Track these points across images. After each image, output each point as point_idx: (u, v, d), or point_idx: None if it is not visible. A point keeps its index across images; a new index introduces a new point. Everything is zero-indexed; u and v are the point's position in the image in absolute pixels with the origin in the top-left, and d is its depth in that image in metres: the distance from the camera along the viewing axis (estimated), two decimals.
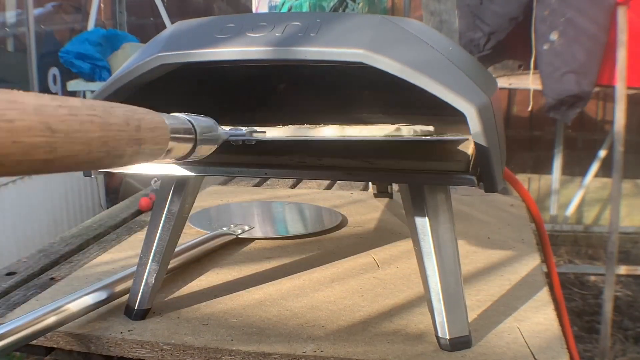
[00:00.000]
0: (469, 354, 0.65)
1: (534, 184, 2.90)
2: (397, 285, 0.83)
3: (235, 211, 1.20)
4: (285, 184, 1.44)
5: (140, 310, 0.73)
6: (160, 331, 0.70)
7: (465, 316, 0.66)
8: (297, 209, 1.21)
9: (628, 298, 2.35)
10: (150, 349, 0.68)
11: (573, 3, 2.01)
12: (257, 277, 0.86)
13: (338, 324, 0.72)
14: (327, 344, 0.67)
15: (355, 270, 0.88)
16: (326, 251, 0.96)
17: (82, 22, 3.24)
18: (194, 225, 1.06)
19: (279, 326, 0.71)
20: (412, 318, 0.73)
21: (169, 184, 0.72)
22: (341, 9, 2.60)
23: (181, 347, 0.67)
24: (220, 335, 0.69)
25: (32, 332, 0.66)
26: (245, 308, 0.76)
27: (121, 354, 0.69)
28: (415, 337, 0.68)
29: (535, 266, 0.90)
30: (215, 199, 1.26)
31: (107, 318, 0.73)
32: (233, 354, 0.66)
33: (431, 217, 0.63)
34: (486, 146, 0.57)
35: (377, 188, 1.27)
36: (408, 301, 0.78)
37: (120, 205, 1.29)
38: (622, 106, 2.00)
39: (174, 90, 0.81)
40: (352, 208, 1.20)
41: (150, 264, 0.73)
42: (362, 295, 0.80)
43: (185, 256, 0.88)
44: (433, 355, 0.65)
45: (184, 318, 0.73)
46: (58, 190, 2.43)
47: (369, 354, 0.65)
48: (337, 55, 0.59)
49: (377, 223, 1.11)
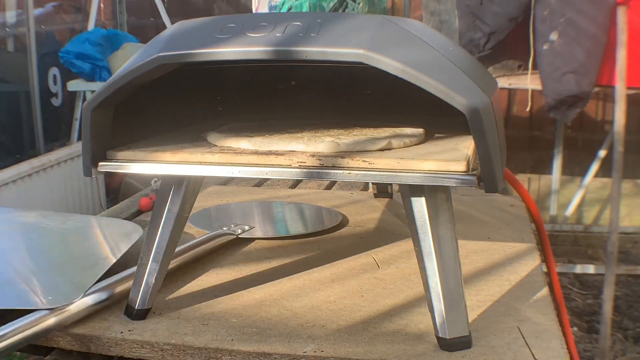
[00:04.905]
0: (469, 354, 0.65)
1: (534, 184, 2.90)
2: (397, 285, 0.83)
3: (235, 211, 1.20)
4: (285, 184, 1.44)
5: (141, 310, 0.73)
6: (160, 331, 0.70)
7: (465, 316, 0.66)
8: (297, 208, 1.21)
9: (628, 298, 2.35)
10: (150, 349, 0.68)
11: (573, 3, 2.01)
12: (257, 277, 0.86)
13: (338, 324, 0.72)
14: (327, 344, 0.67)
15: (355, 270, 0.88)
16: (326, 251, 0.96)
17: (82, 22, 3.24)
18: (194, 225, 1.06)
19: (279, 326, 0.71)
20: (412, 318, 0.73)
21: (169, 184, 0.72)
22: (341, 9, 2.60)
23: (181, 347, 0.67)
24: (220, 335, 0.69)
25: (33, 334, 0.66)
26: (245, 308, 0.76)
27: (121, 354, 0.69)
28: (415, 337, 0.68)
29: (535, 266, 0.90)
30: (215, 199, 1.26)
31: (107, 318, 0.73)
32: (233, 354, 0.66)
33: (431, 217, 0.64)
34: (486, 146, 0.57)
35: (377, 188, 1.27)
36: (408, 301, 0.78)
37: (120, 205, 1.29)
38: (622, 106, 2.00)
39: (174, 90, 0.81)
40: (352, 208, 1.20)
41: (150, 264, 0.73)
42: (362, 295, 0.80)
43: (185, 256, 0.88)
44: (433, 355, 0.65)
45: (184, 318, 0.73)
46: (58, 190, 2.43)
47: (369, 354, 0.65)
48: (338, 55, 0.59)
49: (377, 223, 1.11)
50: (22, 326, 0.66)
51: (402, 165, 0.62)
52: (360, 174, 0.62)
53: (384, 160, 0.63)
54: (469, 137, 0.72)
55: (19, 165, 2.27)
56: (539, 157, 2.93)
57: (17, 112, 2.85)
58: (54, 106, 2.98)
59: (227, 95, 0.96)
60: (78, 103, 2.90)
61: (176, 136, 0.76)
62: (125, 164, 0.67)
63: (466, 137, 0.73)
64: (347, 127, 0.79)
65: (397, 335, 0.69)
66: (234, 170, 0.65)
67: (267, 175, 0.65)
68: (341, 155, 0.64)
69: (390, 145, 0.69)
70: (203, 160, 0.66)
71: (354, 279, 0.85)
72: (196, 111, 0.90)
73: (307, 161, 0.64)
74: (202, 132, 0.77)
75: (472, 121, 0.56)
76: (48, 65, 2.89)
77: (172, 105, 0.83)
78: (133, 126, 0.74)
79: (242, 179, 1.45)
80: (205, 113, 0.93)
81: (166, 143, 0.72)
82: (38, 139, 2.81)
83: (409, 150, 0.69)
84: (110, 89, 0.64)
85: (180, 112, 0.85)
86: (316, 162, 0.64)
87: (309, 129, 0.77)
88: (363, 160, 0.63)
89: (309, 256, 0.94)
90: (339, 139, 0.69)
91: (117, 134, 0.69)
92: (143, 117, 0.76)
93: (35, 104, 2.79)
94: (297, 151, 0.66)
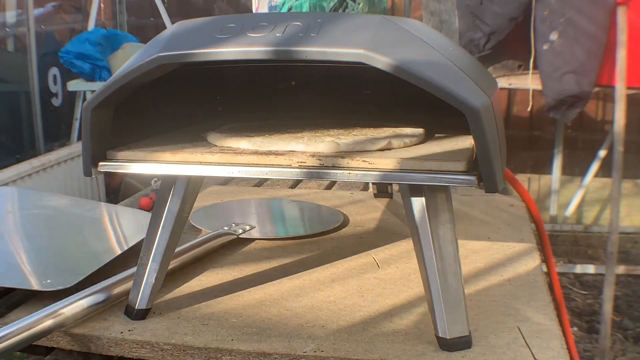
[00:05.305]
0: (469, 354, 0.65)
1: (534, 184, 2.90)
2: (397, 285, 0.83)
3: (235, 210, 1.20)
4: (285, 184, 1.44)
5: (141, 310, 0.73)
6: (160, 331, 0.70)
7: (465, 316, 0.66)
8: (298, 208, 1.21)
9: (628, 298, 2.35)
10: (150, 349, 0.68)
11: (573, 3, 2.01)
12: (257, 277, 0.86)
13: (338, 324, 0.72)
14: (327, 344, 0.67)
15: (355, 270, 0.88)
16: (326, 251, 0.96)
17: (82, 22, 3.24)
18: (195, 224, 1.06)
19: (279, 326, 0.71)
20: (412, 318, 0.73)
21: (169, 184, 0.72)
22: (341, 9, 2.60)
23: (181, 347, 0.67)
24: (220, 335, 0.69)
25: (33, 334, 0.66)
26: (245, 308, 0.76)
27: (121, 354, 0.69)
28: (415, 337, 0.68)
29: (535, 266, 0.90)
30: (215, 199, 1.26)
31: (107, 318, 0.73)
32: (233, 353, 0.66)
33: (431, 217, 0.64)
34: (486, 146, 0.57)
35: (377, 188, 1.27)
36: (408, 301, 0.78)
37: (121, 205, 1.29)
38: (622, 106, 2.00)
39: (174, 90, 0.81)
40: (352, 208, 1.20)
41: (150, 264, 0.73)
42: (362, 295, 0.80)
43: (185, 256, 0.88)
44: (433, 355, 0.65)
45: (184, 318, 0.73)
46: (58, 190, 2.42)
47: (369, 353, 0.65)
48: (338, 55, 0.59)
49: (377, 223, 1.11)
50: (22, 327, 0.65)
51: (402, 165, 0.62)
52: (360, 174, 0.62)
53: (384, 160, 0.63)
54: (469, 137, 0.72)
55: (19, 165, 2.27)
56: (539, 157, 2.93)
57: (17, 112, 2.86)
58: (54, 106, 2.98)
59: (227, 95, 0.96)
60: (78, 103, 2.90)
61: (176, 136, 0.76)
62: (125, 164, 0.67)
63: (466, 137, 0.73)
64: (347, 127, 0.79)
65: (397, 335, 0.69)
66: (234, 170, 0.65)
67: (267, 175, 0.65)
68: (341, 155, 0.64)
69: (390, 145, 0.69)
70: (203, 160, 0.66)
71: (354, 279, 0.85)
72: (196, 111, 0.90)
73: (307, 161, 0.64)
74: (202, 132, 0.77)
75: (472, 121, 0.56)
76: (48, 65, 2.89)
77: (172, 105, 0.83)
78: (133, 126, 0.74)
79: (242, 179, 1.45)
80: (205, 113, 0.93)
81: (166, 143, 0.72)
82: (38, 139, 2.81)
83: (409, 150, 0.69)
84: (110, 89, 0.64)
85: (180, 112, 0.85)
86: (316, 162, 0.64)
87: (309, 129, 0.77)
88: (363, 160, 0.63)
89: (309, 256, 0.94)
90: (339, 139, 0.69)
91: (117, 134, 0.69)
92: (143, 117, 0.76)
93: (35, 104, 2.79)
94: (297, 151, 0.66)
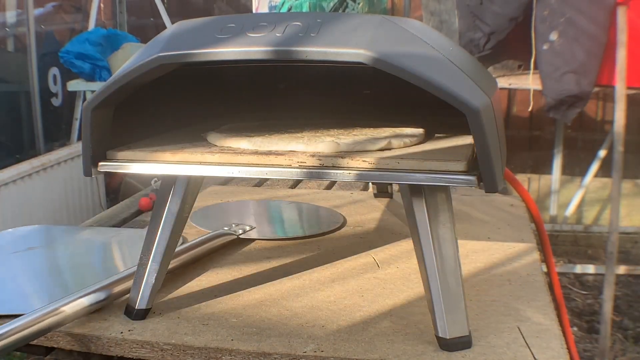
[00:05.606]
0: (469, 354, 0.65)
1: (534, 184, 2.90)
2: (397, 285, 0.83)
3: (235, 211, 1.20)
4: (285, 184, 1.44)
5: (141, 310, 0.73)
6: (160, 331, 0.70)
7: (465, 316, 0.66)
8: (297, 209, 1.21)
9: (628, 298, 2.35)
10: (150, 349, 0.68)
11: (573, 3, 2.01)
12: (257, 277, 0.86)
13: (338, 324, 0.72)
14: (327, 343, 0.67)
15: (355, 270, 0.88)
16: (326, 251, 0.96)
17: (82, 22, 3.24)
18: (195, 224, 1.06)
19: (279, 326, 0.71)
20: (412, 318, 0.73)
21: (169, 184, 0.72)
22: (341, 9, 2.60)
23: (181, 347, 0.67)
24: (220, 335, 0.69)
25: (33, 332, 0.66)
26: (245, 308, 0.76)
27: (121, 354, 0.69)
28: (415, 337, 0.68)
29: (536, 266, 0.90)
30: (215, 199, 1.26)
31: (107, 318, 0.73)
32: (233, 354, 0.66)
33: (431, 217, 0.64)
34: (486, 146, 0.57)
35: (377, 188, 1.27)
36: (408, 301, 0.78)
37: (120, 205, 1.29)
38: (622, 106, 2.00)
39: (174, 90, 0.81)
40: (352, 208, 1.20)
41: (150, 264, 0.73)
42: (362, 295, 0.80)
43: (185, 256, 0.88)
44: (433, 355, 0.65)
45: (184, 318, 0.73)
46: (58, 190, 2.42)
47: (369, 353, 0.65)
48: (338, 55, 0.59)
49: (377, 223, 1.11)
50: (21, 325, 0.65)
51: (402, 165, 0.62)
52: (360, 174, 0.62)
53: (384, 160, 0.63)
54: (469, 137, 0.72)
55: (19, 165, 2.27)
56: (539, 157, 2.93)
57: (17, 112, 2.85)
58: (54, 106, 2.98)
59: (227, 95, 0.96)
60: (78, 103, 2.90)
61: (176, 136, 0.76)
62: (125, 164, 0.67)
63: (466, 137, 0.73)
64: (347, 127, 0.79)
65: (397, 335, 0.69)
66: (234, 170, 0.65)
67: (267, 175, 0.65)
68: (341, 155, 0.64)
69: (390, 145, 0.69)
70: (203, 160, 0.66)
71: (354, 279, 0.85)
72: (196, 111, 0.90)
73: (307, 161, 0.64)
74: (202, 132, 0.77)
75: (472, 121, 0.56)
76: (48, 65, 2.89)
77: (172, 105, 0.83)
78: (133, 126, 0.74)
79: (242, 179, 1.45)
80: (205, 113, 0.93)
81: (166, 143, 0.72)
82: (38, 139, 2.81)
83: (409, 150, 0.69)
84: (110, 89, 0.64)
85: (180, 112, 0.85)
86: (316, 162, 0.64)
87: (309, 129, 0.77)
88: (363, 160, 0.63)
89: (309, 256, 0.94)
90: (339, 139, 0.69)
91: (117, 134, 0.69)
92: (143, 117, 0.76)
93: (35, 104, 2.79)
94: (297, 151, 0.66)
